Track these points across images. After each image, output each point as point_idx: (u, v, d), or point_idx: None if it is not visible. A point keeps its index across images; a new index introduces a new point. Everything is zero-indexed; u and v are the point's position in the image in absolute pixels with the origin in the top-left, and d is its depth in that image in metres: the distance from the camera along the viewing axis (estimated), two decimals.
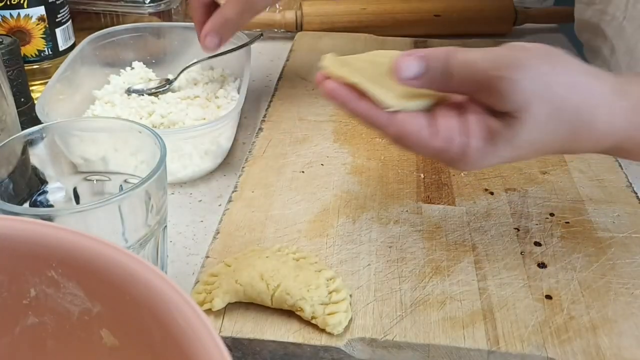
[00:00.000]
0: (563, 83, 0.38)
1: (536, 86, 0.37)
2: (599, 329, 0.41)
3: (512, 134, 0.38)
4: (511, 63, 0.37)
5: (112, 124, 0.48)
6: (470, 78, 0.39)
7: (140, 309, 0.26)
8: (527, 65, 0.37)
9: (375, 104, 0.40)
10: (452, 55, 0.39)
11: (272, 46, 0.90)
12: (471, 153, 0.39)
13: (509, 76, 0.37)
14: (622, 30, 0.70)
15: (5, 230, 0.28)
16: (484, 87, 0.38)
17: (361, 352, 0.40)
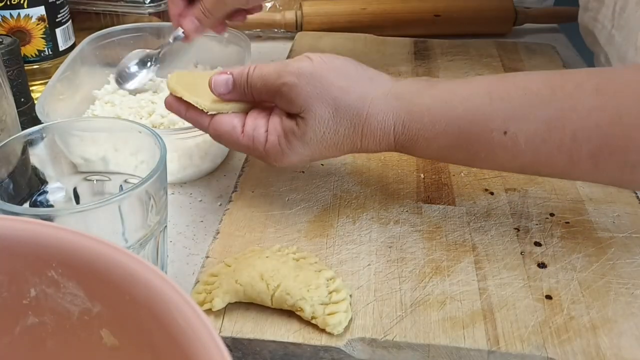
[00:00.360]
0: (338, 86, 0.44)
1: (314, 89, 0.44)
2: (599, 329, 0.41)
3: (301, 132, 0.45)
4: (292, 71, 0.44)
5: (112, 124, 0.48)
6: (264, 89, 0.46)
7: (140, 309, 0.26)
8: (306, 72, 0.44)
9: (200, 112, 0.48)
10: (250, 72, 0.46)
11: (272, 46, 0.91)
12: (270, 149, 0.46)
13: (290, 82, 0.44)
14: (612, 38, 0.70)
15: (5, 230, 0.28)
16: (275, 95, 0.45)
17: (361, 352, 0.40)
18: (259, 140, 0.46)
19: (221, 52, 0.74)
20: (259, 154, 0.47)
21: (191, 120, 0.50)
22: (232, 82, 0.47)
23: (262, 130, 0.46)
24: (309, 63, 0.45)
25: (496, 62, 0.78)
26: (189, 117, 0.49)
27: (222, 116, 0.48)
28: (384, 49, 0.82)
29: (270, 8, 0.93)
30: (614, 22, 0.69)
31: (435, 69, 0.76)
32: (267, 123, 0.47)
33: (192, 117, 0.49)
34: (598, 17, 0.73)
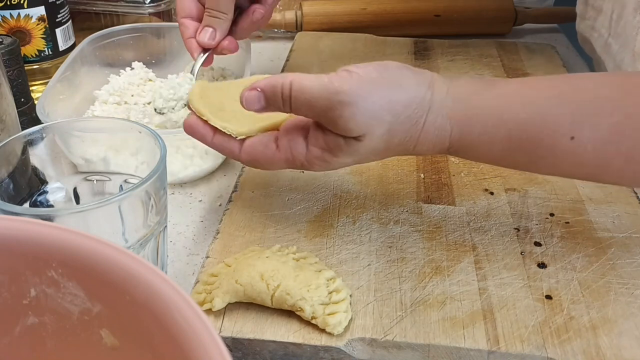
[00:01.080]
0: (395, 101, 0.41)
1: (368, 111, 0.40)
2: (599, 329, 0.41)
3: (353, 150, 0.42)
4: (343, 100, 0.40)
5: (113, 124, 0.48)
6: (311, 112, 0.42)
7: (140, 309, 0.26)
8: (358, 93, 0.40)
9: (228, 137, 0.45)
10: (286, 90, 0.41)
11: (272, 46, 0.90)
12: (313, 160, 0.43)
13: (345, 115, 0.40)
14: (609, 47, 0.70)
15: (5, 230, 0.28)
16: (323, 119, 0.42)
17: (361, 352, 0.40)
18: (299, 151, 0.43)
19: None
20: (299, 165, 0.44)
21: (218, 148, 0.46)
22: (265, 98, 0.43)
23: (301, 143, 0.43)
24: (357, 82, 0.41)
25: (496, 62, 0.78)
26: (216, 143, 0.45)
27: (253, 139, 0.45)
28: (384, 49, 0.82)
29: None
30: (610, 31, 0.69)
31: (435, 69, 0.76)
32: (305, 135, 0.44)
33: (220, 144, 0.45)
34: (595, 25, 0.73)
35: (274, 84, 0.42)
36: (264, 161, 0.45)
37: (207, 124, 0.45)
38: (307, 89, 0.41)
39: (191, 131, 0.46)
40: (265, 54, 0.88)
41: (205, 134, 0.45)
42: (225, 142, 0.45)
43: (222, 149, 0.46)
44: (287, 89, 0.41)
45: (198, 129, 0.46)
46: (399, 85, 0.42)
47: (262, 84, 0.43)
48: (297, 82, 0.41)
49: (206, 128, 0.45)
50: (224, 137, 0.45)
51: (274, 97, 0.42)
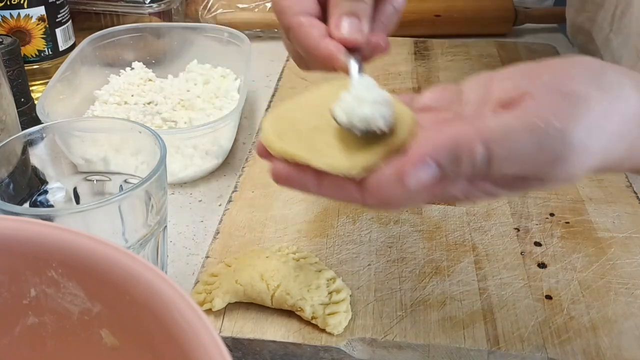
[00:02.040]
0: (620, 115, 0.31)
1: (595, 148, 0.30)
2: (599, 329, 0.41)
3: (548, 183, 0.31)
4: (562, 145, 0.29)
5: (113, 124, 0.48)
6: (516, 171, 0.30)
7: (140, 309, 0.26)
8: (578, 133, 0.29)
9: (341, 179, 0.32)
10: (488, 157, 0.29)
11: (272, 46, 0.90)
12: (478, 196, 0.32)
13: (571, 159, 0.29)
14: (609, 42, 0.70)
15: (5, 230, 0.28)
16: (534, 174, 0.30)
17: (361, 352, 0.40)
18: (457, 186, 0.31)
19: (221, 52, 0.74)
20: (451, 199, 0.32)
21: (330, 195, 0.33)
22: (440, 168, 0.29)
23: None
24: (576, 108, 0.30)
25: (496, 62, 0.78)
26: (327, 193, 0.33)
27: (377, 175, 0.31)
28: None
29: (271, 8, 0.93)
30: (612, 26, 0.69)
31: (435, 69, 0.76)
32: None
33: (332, 193, 0.33)
34: (596, 18, 0.73)
35: (456, 143, 0.29)
36: (398, 200, 0.31)
37: (303, 168, 0.33)
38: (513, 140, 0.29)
39: (287, 183, 0.33)
40: (265, 54, 0.88)
41: (306, 182, 0.33)
42: (339, 187, 0.32)
43: (337, 196, 0.33)
44: (482, 155, 0.29)
45: (295, 178, 0.33)
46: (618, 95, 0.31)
47: (431, 149, 0.29)
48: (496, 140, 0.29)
49: (305, 174, 0.33)
50: (334, 180, 0.32)
51: (458, 161, 0.29)
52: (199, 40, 0.75)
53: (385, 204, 0.32)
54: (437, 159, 0.29)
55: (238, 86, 0.70)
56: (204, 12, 0.91)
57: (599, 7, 0.72)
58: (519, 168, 0.30)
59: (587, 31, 0.76)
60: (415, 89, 0.70)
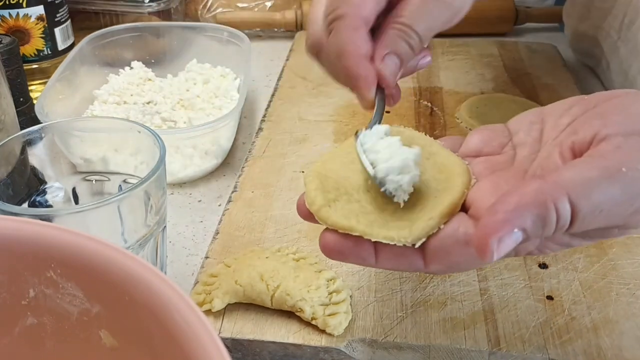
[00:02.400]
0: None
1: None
2: (600, 329, 0.41)
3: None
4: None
5: (112, 124, 0.48)
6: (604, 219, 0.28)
7: (139, 309, 0.25)
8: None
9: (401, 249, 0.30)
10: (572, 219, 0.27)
11: (272, 46, 0.90)
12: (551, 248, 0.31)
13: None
14: (617, 49, 0.69)
15: (4, 230, 0.28)
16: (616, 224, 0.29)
17: (361, 353, 0.40)
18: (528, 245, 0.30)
19: (221, 52, 0.74)
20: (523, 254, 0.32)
21: (392, 266, 0.32)
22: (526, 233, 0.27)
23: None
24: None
25: (497, 61, 0.78)
26: (386, 263, 0.31)
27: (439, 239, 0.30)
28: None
29: (270, 8, 0.93)
30: (620, 34, 0.69)
31: (435, 68, 0.76)
32: None
33: (392, 263, 0.31)
34: (602, 25, 0.72)
35: (542, 204, 0.26)
36: (466, 264, 0.30)
37: (357, 240, 0.31)
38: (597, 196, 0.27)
39: (340, 257, 0.32)
40: (265, 54, 0.88)
41: (364, 256, 0.31)
42: (400, 256, 0.30)
43: (397, 266, 0.31)
44: (566, 215, 0.27)
45: (350, 252, 0.31)
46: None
47: (514, 214, 0.26)
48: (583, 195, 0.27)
49: (362, 247, 0.31)
50: (393, 250, 0.30)
51: (539, 231, 0.27)
52: (198, 40, 0.75)
53: (452, 268, 0.31)
54: (523, 225, 0.26)
55: (238, 86, 0.70)
56: (203, 11, 0.91)
57: (605, 14, 0.72)
58: (604, 221, 0.28)
59: (591, 37, 0.76)
60: (416, 88, 0.70)
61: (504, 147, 0.35)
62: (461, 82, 0.73)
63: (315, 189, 0.33)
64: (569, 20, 0.80)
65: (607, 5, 0.71)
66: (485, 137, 0.36)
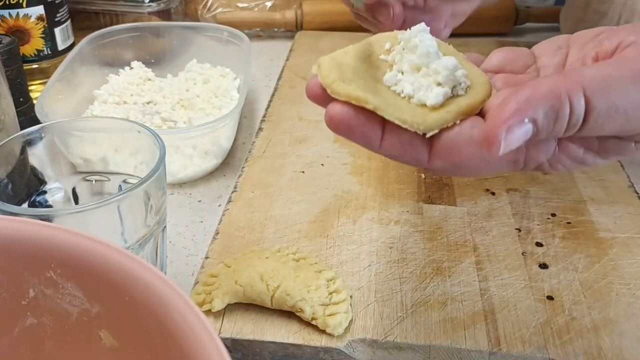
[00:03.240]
0: None
1: None
2: (601, 329, 0.41)
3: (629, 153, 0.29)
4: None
5: (112, 124, 0.48)
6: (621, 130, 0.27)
7: (139, 309, 0.25)
8: None
9: (405, 132, 0.29)
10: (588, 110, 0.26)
11: (272, 46, 0.90)
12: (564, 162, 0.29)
13: None
14: None
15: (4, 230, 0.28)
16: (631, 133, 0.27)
17: (362, 353, 0.40)
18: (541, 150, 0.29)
19: (221, 51, 0.74)
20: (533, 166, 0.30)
21: (393, 153, 0.30)
22: (537, 127, 0.26)
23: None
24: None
25: None
26: (390, 148, 0.29)
27: (451, 133, 0.28)
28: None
29: (270, 7, 0.93)
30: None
31: None
32: None
33: (396, 148, 0.29)
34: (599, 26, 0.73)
35: (553, 102, 0.26)
36: (473, 166, 0.29)
37: (367, 115, 0.29)
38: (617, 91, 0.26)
39: (345, 130, 0.29)
40: (265, 54, 0.88)
41: (368, 132, 0.29)
42: (406, 144, 0.29)
43: (400, 154, 0.29)
44: (579, 106, 0.26)
45: (356, 125, 0.29)
46: None
47: (526, 105, 0.26)
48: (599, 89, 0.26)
49: (370, 125, 0.29)
50: (401, 135, 0.29)
51: (551, 125, 0.26)
52: (198, 40, 0.75)
53: (456, 168, 0.29)
54: (534, 116, 0.25)
55: (238, 86, 0.70)
56: (203, 11, 0.91)
57: (601, 17, 0.72)
58: (619, 125, 0.26)
59: None
60: None
61: (527, 69, 0.34)
62: None
63: (330, 66, 0.31)
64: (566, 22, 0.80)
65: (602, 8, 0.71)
66: (510, 56, 0.34)
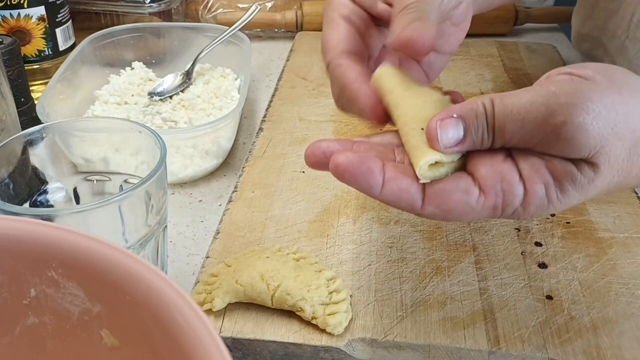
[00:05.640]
0: (637, 109, 0.32)
1: (609, 122, 0.31)
2: (600, 329, 0.41)
3: (587, 180, 0.32)
4: (570, 103, 0.31)
5: (113, 124, 0.48)
6: (523, 131, 0.32)
7: (140, 309, 0.26)
8: (588, 101, 0.31)
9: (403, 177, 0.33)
10: (489, 109, 0.32)
11: (272, 46, 0.91)
12: (532, 201, 0.33)
13: (571, 121, 0.30)
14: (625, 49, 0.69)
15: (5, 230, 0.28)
16: (544, 138, 0.31)
17: (361, 353, 0.40)
18: (514, 193, 0.32)
19: (221, 51, 0.74)
20: (510, 213, 0.33)
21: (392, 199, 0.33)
22: (464, 126, 0.32)
23: (517, 180, 0.32)
24: (589, 85, 0.32)
25: (497, 62, 0.78)
26: (389, 193, 0.33)
27: (443, 183, 0.33)
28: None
29: (271, 8, 0.93)
30: (628, 33, 0.68)
31: None
32: (516, 166, 0.33)
33: (396, 193, 0.33)
34: (607, 26, 0.72)
35: (472, 106, 0.32)
36: (460, 212, 0.33)
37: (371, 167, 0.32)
38: (514, 99, 0.32)
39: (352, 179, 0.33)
40: (265, 54, 0.88)
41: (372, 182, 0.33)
42: (403, 191, 0.33)
43: (397, 201, 0.33)
44: (489, 105, 0.32)
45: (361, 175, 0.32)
46: (633, 92, 0.32)
47: (458, 109, 0.33)
48: (498, 96, 0.32)
49: (373, 174, 0.32)
50: (400, 184, 0.33)
51: (474, 121, 0.32)
52: (199, 40, 0.75)
53: (445, 213, 0.33)
54: (458, 112, 0.32)
55: (238, 86, 0.70)
56: (204, 11, 0.91)
57: (611, 15, 0.71)
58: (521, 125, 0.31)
59: (594, 38, 0.75)
60: None
61: None
62: (461, 82, 0.73)
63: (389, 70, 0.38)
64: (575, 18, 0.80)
65: (612, 6, 0.71)
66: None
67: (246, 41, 0.72)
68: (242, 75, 0.70)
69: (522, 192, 0.32)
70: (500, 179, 0.32)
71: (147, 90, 0.68)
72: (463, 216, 0.33)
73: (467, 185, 0.32)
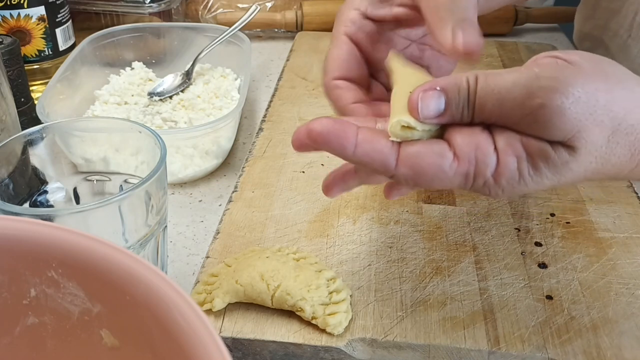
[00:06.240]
0: (620, 101, 0.32)
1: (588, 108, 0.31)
2: (600, 329, 0.41)
3: (562, 162, 0.32)
4: (549, 86, 0.31)
5: (113, 124, 0.48)
6: (500, 111, 0.32)
7: (140, 309, 0.26)
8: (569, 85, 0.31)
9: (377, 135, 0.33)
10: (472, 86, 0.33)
11: (272, 46, 0.91)
12: (504, 173, 0.33)
13: (553, 104, 0.31)
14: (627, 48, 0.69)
15: (5, 230, 0.28)
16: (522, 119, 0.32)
17: (361, 353, 0.40)
18: (486, 162, 0.32)
19: (221, 52, 0.74)
20: (481, 183, 0.33)
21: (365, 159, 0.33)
22: (446, 99, 0.33)
23: (491, 150, 0.33)
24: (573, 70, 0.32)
25: (497, 61, 0.78)
26: (362, 153, 0.33)
27: (417, 145, 0.33)
28: None
29: (271, 8, 0.93)
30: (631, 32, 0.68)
31: None
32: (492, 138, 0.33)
33: (367, 154, 0.33)
34: (609, 25, 0.72)
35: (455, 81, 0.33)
36: (432, 175, 0.33)
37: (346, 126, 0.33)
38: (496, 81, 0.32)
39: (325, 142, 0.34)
40: (265, 54, 0.88)
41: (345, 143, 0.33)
42: (377, 151, 0.33)
43: (371, 161, 0.33)
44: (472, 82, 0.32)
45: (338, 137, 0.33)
46: (619, 81, 0.33)
47: (442, 82, 0.33)
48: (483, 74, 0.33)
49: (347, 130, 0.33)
50: (374, 143, 0.33)
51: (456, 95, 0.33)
52: (198, 40, 0.75)
53: (418, 176, 0.33)
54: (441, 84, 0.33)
55: (238, 86, 0.70)
56: (204, 11, 0.91)
57: (613, 14, 0.71)
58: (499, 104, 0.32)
59: (595, 38, 0.75)
60: None
61: None
62: None
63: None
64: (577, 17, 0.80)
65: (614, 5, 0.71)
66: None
67: (246, 41, 0.72)
68: (242, 75, 0.70)
69: (495, 163, 0.33)
70: (475, 147, 0.33)
71: (147, 90, 0.68)
72: (435, 181, 0.34)
73: (441, 149, 0.33)
